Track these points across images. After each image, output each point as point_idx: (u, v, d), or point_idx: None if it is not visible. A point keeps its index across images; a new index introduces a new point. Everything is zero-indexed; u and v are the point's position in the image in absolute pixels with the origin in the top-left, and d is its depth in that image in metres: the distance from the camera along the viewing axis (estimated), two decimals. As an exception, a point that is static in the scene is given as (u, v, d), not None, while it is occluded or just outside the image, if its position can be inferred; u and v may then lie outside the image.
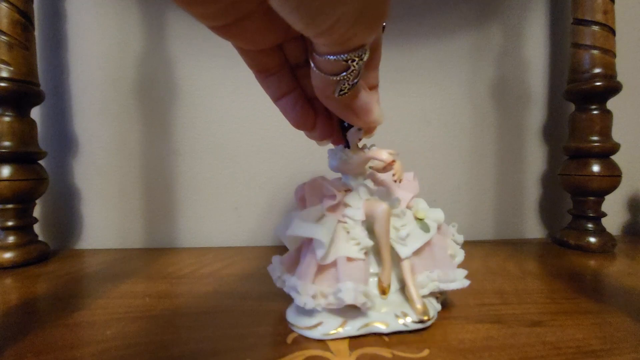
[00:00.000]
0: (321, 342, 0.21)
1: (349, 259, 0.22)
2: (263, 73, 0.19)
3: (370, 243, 0.23)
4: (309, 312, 0.22)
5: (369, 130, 0.23)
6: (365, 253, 0.23)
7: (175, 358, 0.19)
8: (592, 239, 0.41)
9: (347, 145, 0.24)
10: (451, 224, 0.28)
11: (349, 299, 0.20)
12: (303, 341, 0.21)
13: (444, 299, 0.26)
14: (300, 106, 0.20)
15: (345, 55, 0.15)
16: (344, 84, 0.16)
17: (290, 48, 0.19)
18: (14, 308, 0.26)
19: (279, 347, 0.20)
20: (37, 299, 0.28)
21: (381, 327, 0.22)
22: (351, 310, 0.22)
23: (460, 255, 0.26)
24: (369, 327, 0.22)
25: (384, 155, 0.22)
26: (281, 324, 0.23)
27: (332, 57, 0.15)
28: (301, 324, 0.22)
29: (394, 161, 0.22)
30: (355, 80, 0.17)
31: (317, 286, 0.22)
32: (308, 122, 0.21)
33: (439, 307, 0.24)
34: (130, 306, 0.26)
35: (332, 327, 0.21)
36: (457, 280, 0.23)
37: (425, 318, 0.22)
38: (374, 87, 0.20)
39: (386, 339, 0.21)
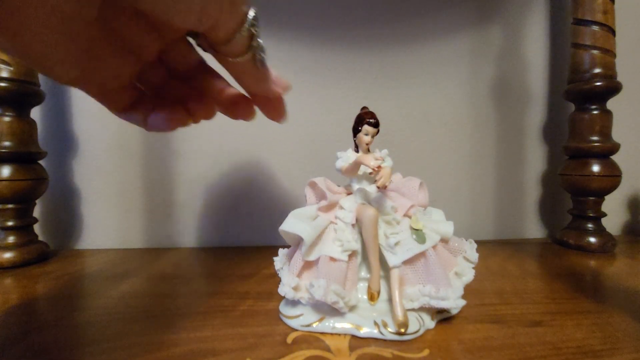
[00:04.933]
0: (321, 342, 0.21)
1: (332, 259, 0.23)
2: (126, 110, 0.20)
3: (354, 247, 0.23)
4: (295, 304, 0.24)
5: None
6: (352, 256, 0.23)
7: (175, 358, 0.19)
8: (592, 239, 0.41)
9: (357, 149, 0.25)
10: (468, 240, 0.27)
11: (318, 295, 0.21)
12: (303, 341, 0.21)
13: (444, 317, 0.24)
14: (172, 114, 0.20)
15: (243, 27, 0.15)
16: (259, 53, 0.17)
17: (150, 74, 0.19)
18: (14, 308, 0.26)
19: (279, 347, 0.20)
20: (37, 299, 0.28)
21: (356, 330, 0.22)
22: (332, 309, 0.22)
23: (469, 275, 0.25)
24: (344, 328, 0.22)
25: (371, 161, 0.22)
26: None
27: (236, 36, 0.16)
28: (286, 313, 0.24)
29: (379, 167, 0.22)
30: (261, 42, 0.17)
31: (300, 280, 0.23)
32: (207, 111, 0.20)
33: (430, 324, 0.23)
34: (130, 306, 0.26)
35: (310, 321, 0.22)
36: (449, 299, 0.22)
37: (402, 330, 0.21)
38: None
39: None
